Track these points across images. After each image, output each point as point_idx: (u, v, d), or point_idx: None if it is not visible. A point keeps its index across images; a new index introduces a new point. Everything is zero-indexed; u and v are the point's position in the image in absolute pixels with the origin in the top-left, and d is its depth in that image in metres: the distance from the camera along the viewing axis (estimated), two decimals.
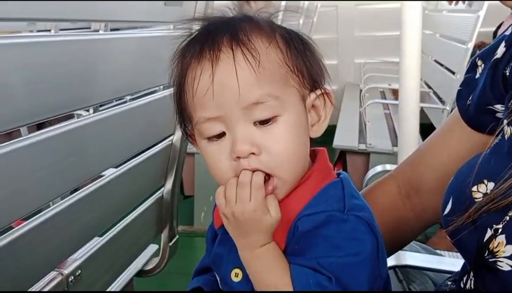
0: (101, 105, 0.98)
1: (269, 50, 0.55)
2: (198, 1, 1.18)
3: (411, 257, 0.91)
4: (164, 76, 1.22)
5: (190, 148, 1.41)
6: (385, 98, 3.92)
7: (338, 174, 0.60)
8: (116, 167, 1.03)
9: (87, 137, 0.90)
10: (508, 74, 0.56)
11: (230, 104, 0.53)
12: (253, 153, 0.53)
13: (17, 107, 0.70)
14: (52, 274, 0.91)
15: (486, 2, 2.35)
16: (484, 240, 0.49)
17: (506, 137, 0.53)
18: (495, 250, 0.49)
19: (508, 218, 0.48)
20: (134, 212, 1.21)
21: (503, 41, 0.59)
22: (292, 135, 0.55)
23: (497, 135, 0.55)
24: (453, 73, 2.55)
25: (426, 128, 2.17)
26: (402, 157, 2.14)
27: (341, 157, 2.78)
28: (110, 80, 0.92)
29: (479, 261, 0.50)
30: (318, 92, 0.57)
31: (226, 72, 0.53)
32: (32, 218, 0.81)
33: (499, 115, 0.58)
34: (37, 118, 0.75)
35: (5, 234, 0.76)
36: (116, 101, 1.20)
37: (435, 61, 3.15)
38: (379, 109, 3.55)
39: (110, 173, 1.02)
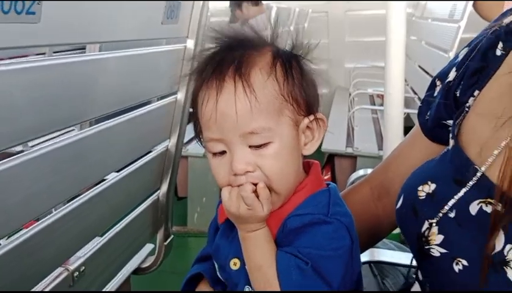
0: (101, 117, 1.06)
1: (266, 83, 0.62)
2: (192, 18, 1.28)
3: (383, 254, 1.01)
4: (158, 88, 1.32)
5: (184, 152, 1.50)
6: (374, 102, 4.03)
7: (328, 184, 0.69)
8: (117, 172, 1.12)
9: (90, 147, 0.99)
10: (458, 95, 0.66)
11: (229, 130, 0.61)
12: (248, 171, 0.62)
13: (19, 126, 0.76)
14: (59, 270, 1.00)
15: (467, 11, 2.43)
16: (422, 231, 0.59)
17: (450, 147, 0.63)
18: (429, 239, 0.58)
19: (440, 215, 0.58)
20: (132, 214, 1.29)
21: (455, 66, 0.69)
22: (283, 156, 0.63)
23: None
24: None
25: None
26: None
27: (330, 160, 2.87)
28: (105, 96, 0.99)
29: (419, 248, 0.60)
30: (311, 118, 0.65)
31: (228, 103, 0.61)
32: (41, 220, 0.90)
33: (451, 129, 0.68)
34: (38, 135, 0.82)
35: (17, 235, 0.85)
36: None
37: (420, 67, 3.25)
38: (367, 113, 3.65)
39: (111, 178, 1.11)
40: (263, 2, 3.66)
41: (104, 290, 1.24)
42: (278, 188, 0.63)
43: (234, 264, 0.67)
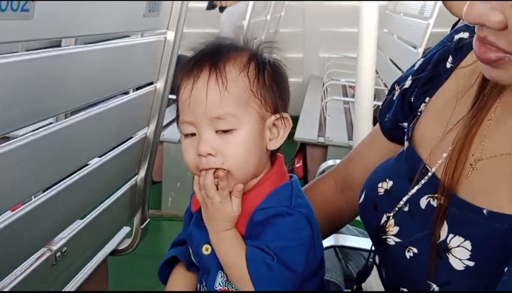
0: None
1: (238, 78, 0.69)
2: (173, 11, 1.33)
3: (347, 239, 1.09)
4: (139, 78, 1.36)
5: (160, 137, 1.57)
6: (346, 93, 4.13)
7: (290, 177, 0.76)
8: (100, 157, 1.17)
9: (73, 135, 1.03)
10: (412, 100, 0.74)
11: (199, 114, 0.68)
12: (211, 154, 0.68)
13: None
14: (43, 250, 1.05)
15: (437, 6, 2.49)
16: (381, 223, 0.68)
17: (404, 148, 0.71)
18: (387, 230, 0.66)
19: (396, 209, 0.66)
20: (111, 198, 1.35)
21: (411, 75, 0.77)
22: (245, 144, 0.69)
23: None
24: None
25: None
26: None
27: (302, 148, 2.96)
28: (86, 87, 1.02)
29: (377, 237, 0.68)
30: (277, 116, 0.72)
31: (200, 90, 0.68)
32: (27, 204, 0.95)
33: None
34: (17, 127, 0.84)
35: (4, 217, 0.89)
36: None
37: (391, 60, 3.34)
38: (339, 103, 3.75)
39: (92, 164, 1.16)
40: None
41: (83, 270, 1.29)
42: (236, 173, 0.69)
43: (206, 249, 0.73)
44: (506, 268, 0.50)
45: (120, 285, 1.84)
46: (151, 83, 1.39)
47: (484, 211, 0.57)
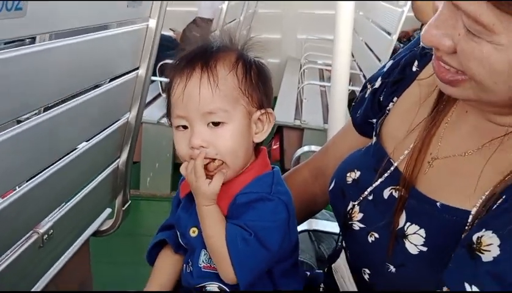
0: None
1: (227, 77, 0.75)
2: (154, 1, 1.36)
3: (320, 224, 1.17)
4: (122, 65, 1.39)
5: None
6: (323, 75, 4.19)
7: (273, 168, 0.82)
8: (87, 141, 1.21)
9: (61, 123, 1.07)
10: (381, 99, 0.81)
11: (192, 109, 0.74)
12: (202, 146, 0.75)
13: None
14: (30, 233, 1.10)
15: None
16: (348, 210, 0.75)
17: (372, 142, 0.78)
18: (352, 216, 0.74)
19: (361, 198, 0.74)
20: (94, 181, 1.39)
21: (381, 75, 0.83)
22: (234, 136, 0.76)
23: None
24: (379, 60, 2.82)
25: None
26: (330, 134, 2.37)
27: (279, 130, 3.03)
28: (69, 80, 1.05)
29: (344, 222, 0.76)
30: (262, 111, 0.78)
31: (193, 87, 0.74)
32: (17, 190, 0.99)
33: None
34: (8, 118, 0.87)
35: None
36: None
37: (366, 44, 3.40)
38: (316, 86, 3.81)
39: (77, 149, 1.21)
40: None
41: (67, 251, 1.35)
42: (228, 162, 0.76)
43: (193, 232, 0.80)
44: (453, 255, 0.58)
45: (101, 264, 1.89)
46: (136, 70, 1.43)
47: (438, 204, 0.65)
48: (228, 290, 0.77)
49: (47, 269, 1.26)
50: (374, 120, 0.82)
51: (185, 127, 0.76)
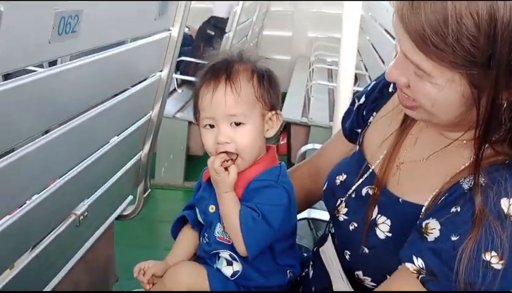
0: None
1: (246, 86, 0.93)
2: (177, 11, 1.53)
3: (317, 213, 1.35)
4: (149, 69, 1.57)
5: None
6: (332, 74, 4.34)
7: (280, 163, 1.00)
8: (117, 135, 1.40)
9: (96, 122, 1.25)
10: (364, 113, 0.99)
11: (219, 112, 0.93)
12: (227, 142, 0.93)
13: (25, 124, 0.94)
14: (70, 214, 1.29)
15: None
16: (336, 205, 0.92)
17: (356, 150, 0.96)
18: (339, 210, 0.91)
19: (347, 195, 0.91)
20: (120, 171, 1.58)
21: (365, 93, 1.00)
22: (251, 134, 0.94)
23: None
24: (383, 63, 2.95)
25: None
26: (335, 132, 2.50)
27: (287, 126, 3.19)
28: (105, 85, 1.24)
29: (333, 215, 0.93)
30: (273, 113, 0.97)
31: (220, 96, 0.93)
32: (60, 178, 1.18)
33: None
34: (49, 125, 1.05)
35: (46, 194, 1.12)
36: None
37: (372, 45, 3.53)
38: (325, 82, 3.96)
39: (109, 143, 1.39)
40: None
41: (96, 232, 1.54)
42: (244, 155, 0.94)
43: (212, 208, 0.98)
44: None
45: (123, 245, 2.06)
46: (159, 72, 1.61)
47: (400, 200, 0.82)
48: (236, 257, 0.95)
49: (80, 247, 1.45)
50: (359, 130, 1.00)
51: (212, 126, 0.95)
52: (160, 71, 1.60)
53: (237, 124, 0.93)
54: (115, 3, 1.13)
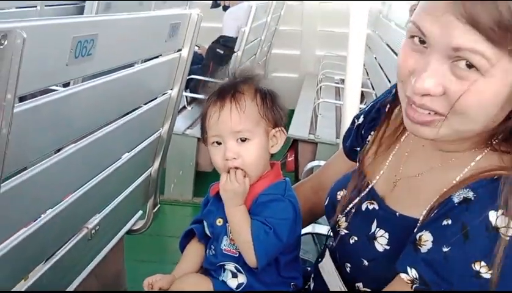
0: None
1: (250, 105, 0.99)
2: (187, 32, 1.59)
3: (321, 228, 1.39)
4: (159, 88, 1.64)
5: None
6: (339, 92, 4.39)
7: (284, 178, 1.05)
8: (128, 152, 1.46)
9: (108, 139, 1.31)
10: (363, 132, 1.03)
11: (225, 130, 0.98)
12: (234, 158, 0.98)
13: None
14: (82, 228, 1.34)
15: None
16: (337, 220, 0.96)
17: (356, 167, 1.00)
18: (340, 224, 0.95)
19: (347, 210, 0.95)
20: (131, 187, 1.63)
21: (363, 114, 1.05)
22: (256, 150, 0.99)
23: None
24: (389, 81, 3.00)
25: None
26: None
27: (294, 143, 3.24)
28: (117, 104, 1.32)
29: (334, 229, 0.97)
30: (277, 129, 1.02)
31: (226, 114, 0.98)
32: (76, 191, 1.23)
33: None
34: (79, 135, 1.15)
35: (60, 208, 1.17)
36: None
37: (379, 64, 3.58)
38: (332, 100, 4.01)
39: (120, 159, 1.45)
40: None
41: (107, 245, 1.58)
42: (250, 170, 0.99)
43: (219, 222, 1.03)
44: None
45: (132, 259, 2.10)
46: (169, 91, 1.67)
47: (397, 214, 0.86)
48: (241, 269, 0.99)
49: (92, 259, 1.50)
50: (358, 148, 1.04)
51: (219, 143, 1.00)
52: (171, 89, 1.66)
53: (243, 140, 0.98)
54: (128, 28, 1.19)
